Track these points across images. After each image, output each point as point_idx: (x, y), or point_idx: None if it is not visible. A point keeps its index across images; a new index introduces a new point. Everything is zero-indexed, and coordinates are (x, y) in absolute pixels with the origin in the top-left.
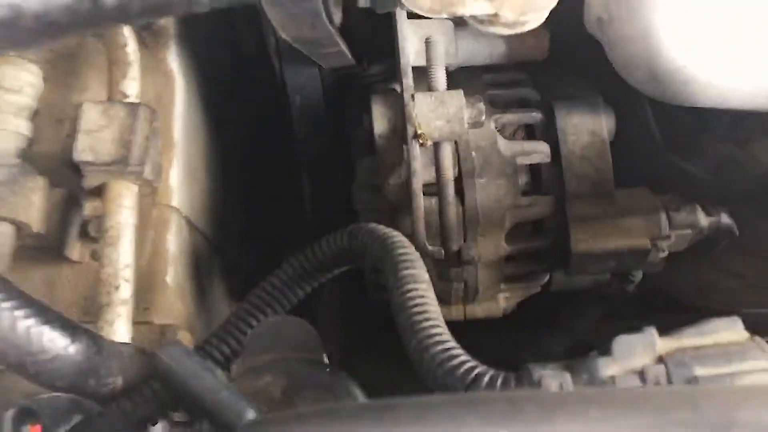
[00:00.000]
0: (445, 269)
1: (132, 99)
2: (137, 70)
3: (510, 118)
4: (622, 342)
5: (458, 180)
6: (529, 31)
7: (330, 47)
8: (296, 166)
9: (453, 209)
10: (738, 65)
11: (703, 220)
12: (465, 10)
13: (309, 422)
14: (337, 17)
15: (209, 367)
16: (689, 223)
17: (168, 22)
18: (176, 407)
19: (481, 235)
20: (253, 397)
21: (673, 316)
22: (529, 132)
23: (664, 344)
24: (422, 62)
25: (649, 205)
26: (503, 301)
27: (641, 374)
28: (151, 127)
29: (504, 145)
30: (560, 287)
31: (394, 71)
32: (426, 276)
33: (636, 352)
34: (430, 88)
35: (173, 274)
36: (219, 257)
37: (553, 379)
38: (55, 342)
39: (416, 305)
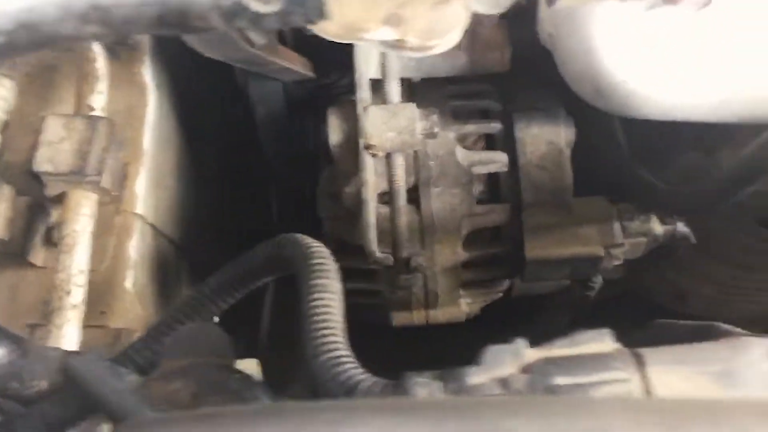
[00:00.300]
0: (395, 276)
1: (98, 112)
2: (105, 85)
3: (470, 128)
4: (490, 351)
5: (415, 189)
6: (491, 44)
7: (266, 65)
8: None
9: (404, 217)
10: (676, 80)
11: (658, 228)
12: (370, 36)
13: (183, 424)
14: (260, 39)
15: (118, 372)
16: (643, 231)
17: (144, 38)
18: (94, 410)
19: (437, 243)
20: (164, 401)
21: (644, 321)
22: (490, 142)
23: (533, 354)
24: None
25: (603, 214)
26: (465, 306)
27: (505, 383)
28: (111, 139)
29: (462, 155)
30: (521, 293)
31: None
32: (337, 287)
33: (504, 361)
34: (384, 101)
35: (133, 279)
36: (187, 262)
37: (424, 387)
38: None
39: (318, 314)
